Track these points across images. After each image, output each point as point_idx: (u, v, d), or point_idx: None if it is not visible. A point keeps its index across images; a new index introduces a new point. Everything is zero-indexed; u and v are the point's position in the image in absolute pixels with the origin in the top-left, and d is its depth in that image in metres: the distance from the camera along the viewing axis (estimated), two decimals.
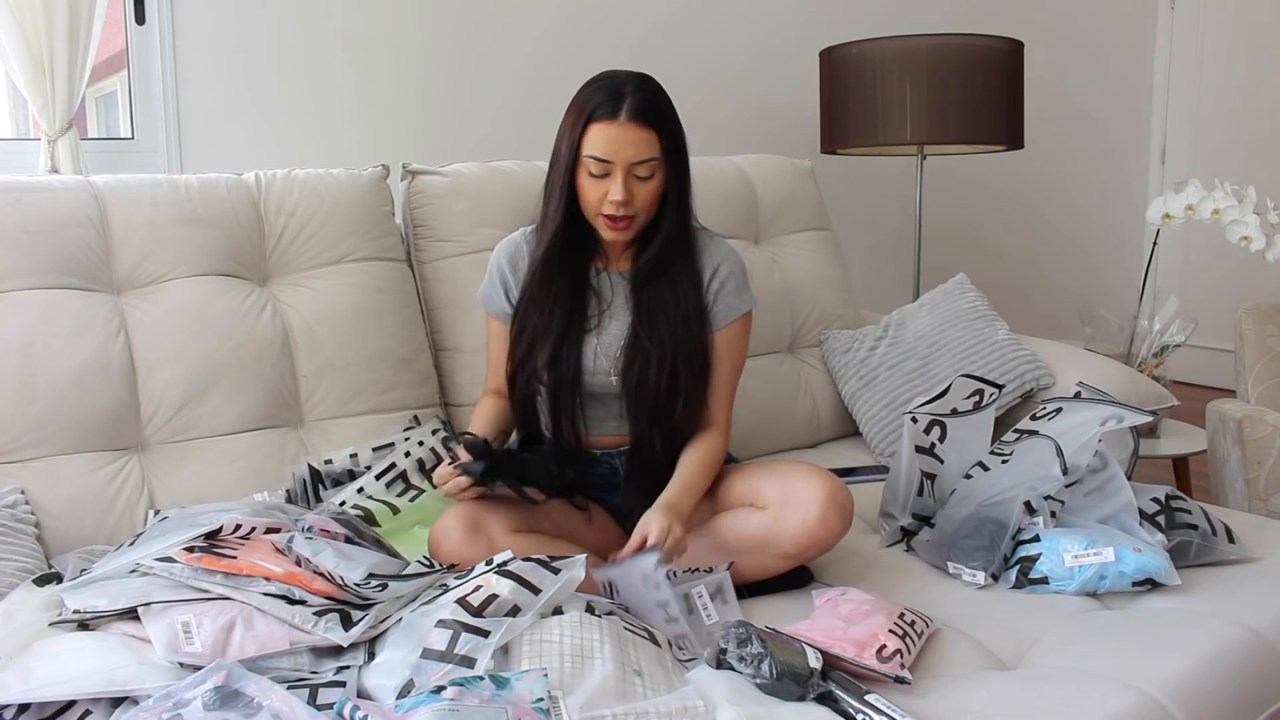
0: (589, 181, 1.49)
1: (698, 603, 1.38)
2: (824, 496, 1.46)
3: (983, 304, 2.22)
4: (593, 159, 1.46)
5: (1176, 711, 1.22)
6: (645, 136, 1.46)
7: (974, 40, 2.70)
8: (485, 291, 1.67)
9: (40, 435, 1.56)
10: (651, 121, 1.46)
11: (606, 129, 1.45)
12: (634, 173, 1.47)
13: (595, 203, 1.49)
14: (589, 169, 1.47)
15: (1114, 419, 1.57)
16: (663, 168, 1.50)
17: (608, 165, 1.46)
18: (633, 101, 1.45)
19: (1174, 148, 4.50)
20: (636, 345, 1.56)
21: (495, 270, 1.65)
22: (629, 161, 1.46)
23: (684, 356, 1.55)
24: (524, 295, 1.59)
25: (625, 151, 1.45)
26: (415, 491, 1.72)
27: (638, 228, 1.53)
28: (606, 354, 1.58)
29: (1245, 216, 2.48)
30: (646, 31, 3.04)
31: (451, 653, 1.12)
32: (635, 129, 1.45)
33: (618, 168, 1.46)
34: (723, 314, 1.60)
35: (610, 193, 1.46)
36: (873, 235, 3.60)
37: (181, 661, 1.15)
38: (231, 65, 2.45)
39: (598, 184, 1.48)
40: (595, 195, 1.49)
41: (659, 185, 1.51)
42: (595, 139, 1.46)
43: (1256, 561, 1.58)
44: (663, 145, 1.48)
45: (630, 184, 1.47)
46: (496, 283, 1.64)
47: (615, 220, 1.49)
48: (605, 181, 1.47)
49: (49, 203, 1.65)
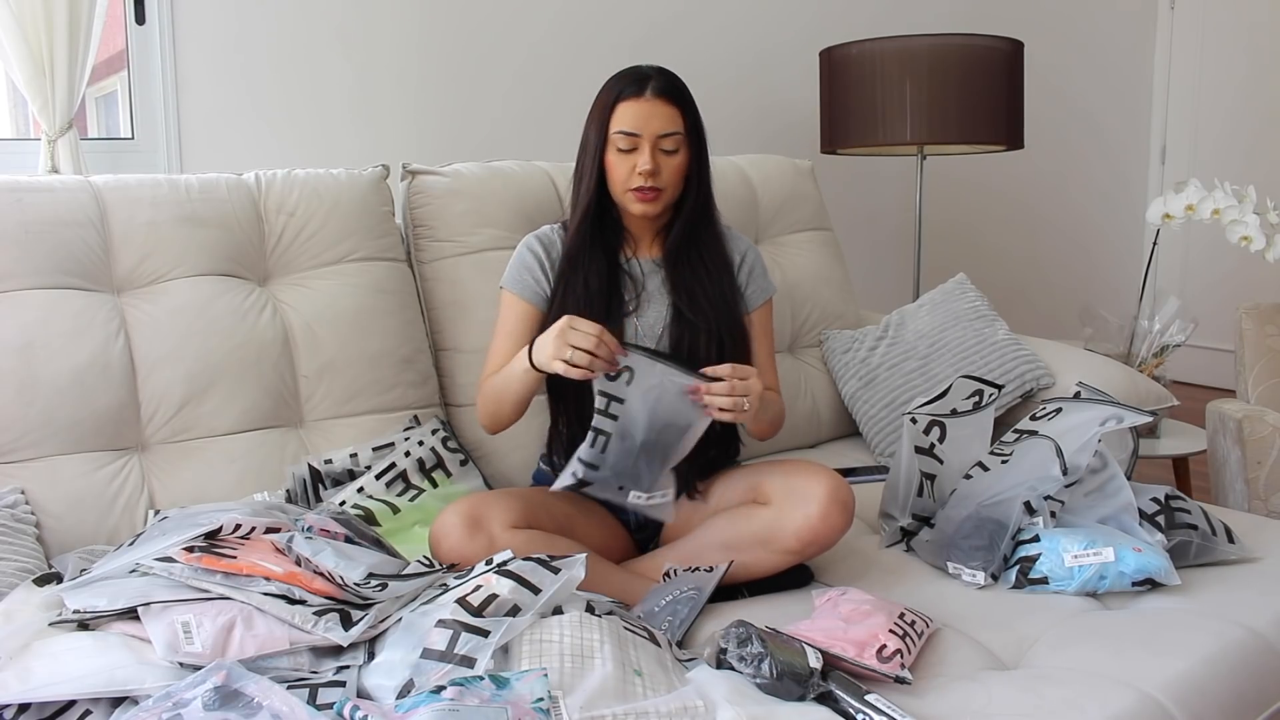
0: (618, 158, 1.56)
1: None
2: (826, 493, 1.46)
3: (983, 304, 2.22)
4: (621, 134, 1.55)
5: (1176, 711, 1.22)
6: (670, 112, 1.55)
7: (974, 40, 2.70)
8: (513, 275, 1.66)
9: (40, 435, 1.56)
10: (675, 99, 1.57)
11: (634, 105, 1.54)
12: (660, 146, 1.55)
13: (624, 177, 1.56)
14: (617, 145, 1.56)
15: (1114, 419, 1.57)
16: (685, 145, 1.58)
17: (635, 139, 1.54)
18: (657, 81, 1.56)
19: (1174, 148, 4.50)
20: (681, 321, 1.61)
21: (526, 253, 1.66)
22: (655, 134, 1.55)
23: (727, 330, 1.61)
24: (560, 280, 1.62)
25: (652, 125, 1.54)
26: (415, 491, 1.72)
27: (665, 202, 1.60)
28: (649, 335, 1.62)
29: (1245, 216, 2.48)
30: (647, 32, 3.04)
31: (451, 652, 1.12)
32: (660, 104, 1.55)
33: (645, 140, 1.54)
34: (755, 295, 1.70)
35: (638, 164, 1.54)
36: (873, 235, 3.60)
37: (181, 661, 1.15)
38: (231, 65, 2.45)
39: (626, 159, 1.56)
40: (624, 170, 1.56)
41: (683, 160, 1.59)
42: (623, 115, 1.55)
43: (1256, 561, 1.58)
44: (685, 122, 1.57)
45: (657, 156, 1.55)
46: (531, 263, 1.64)
47: (644, 192, 1.56)
48: (633, 156, 1.55)
49: (49, 203, 1.65)
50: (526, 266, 1.65)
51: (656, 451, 1.40)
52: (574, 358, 1.37)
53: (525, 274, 1.65)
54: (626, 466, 1.39)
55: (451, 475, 1.78)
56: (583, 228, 1.61)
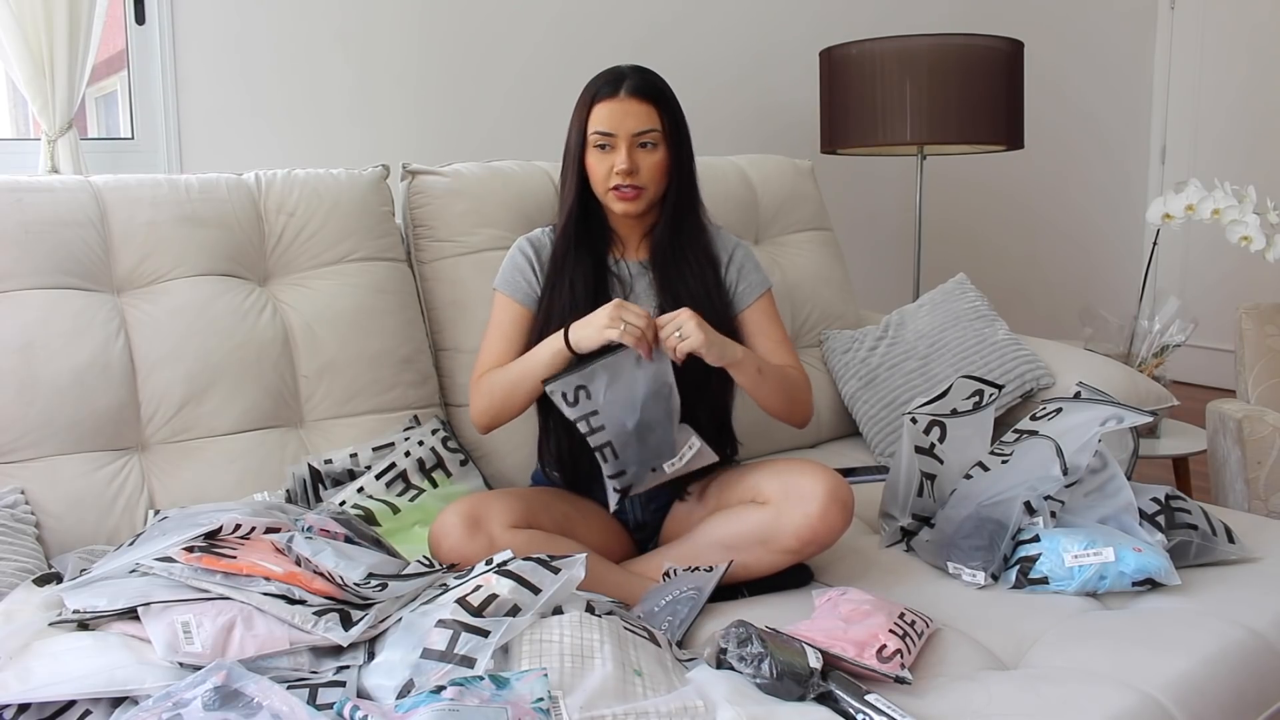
0: (597, 158, 1.58)
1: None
2: (826, 491, 1.46)
3: (983, 304, 2.21)
4: (598, 134, 1.56)
5: (1176, 711, 1.21)
6: (645, 110, 1.56)
7: (974, 40, 2.70)
8: (505, 276, 1.67)
9: (40, 435, 1.56)
10: (650, 97, 1.57)
11: (609, 105, 1.56)
12: (637, 143, 1.56)
13: (604, 177, 1.58)
14: (595, 144, 1.57)
15: (1114, 419, 1.57)
16: (664, 142, 1.58)
17: (611, 138, 1.56)
18: (632, 80, 1.57)
19: (1174, 148, 4.50)
20: None
21: (518, 254, 1.68)
22: (631, 133, 1.55)
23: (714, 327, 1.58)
24: (548, 281, 1.63)
25: (627, 123, 1.55)
26: (415, 491, 1.72)
27: (647, 200, 1.60)
28: None
29: (1245, 216, 2.48)
30: (647, 32, 3.04)
31: (451, 652, 1.12)
32: (635, 103, 1.55)
33: (620, 139, 1.56)
34: (748, 292, 1.69)
35: (615, 163, 1.56)
36: (873, 235, 3.60)
37: (181, 661, 1.15)
38: (231, 65, 2.45)
39: (604, 158, 1.57)
40: (603, 170, 1.57)
41: (663, 158, 1.59)
42: (599, 116, 1.56)
43: (1256, 561, 1.58)
44: (663, 120, 1.58)
45: (634, 155, 1.56)
46: (522, 264, 1.66)
47: (623, 190, 1.57)
48: (611, 155, 1.56)
49: (49, 203, 1.65)
50: (518, 268, 1.66)
51: (656, 422, 1.45)
52: (627, 330, 1.42)
53: (517, 275, 1.66)
54: (642, 453, 1.45)
55: (451, 475, 1.78)
56: (568, 230, 1.63)
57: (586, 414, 1.42)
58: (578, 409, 1.43)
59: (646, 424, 1.44)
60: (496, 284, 1.68)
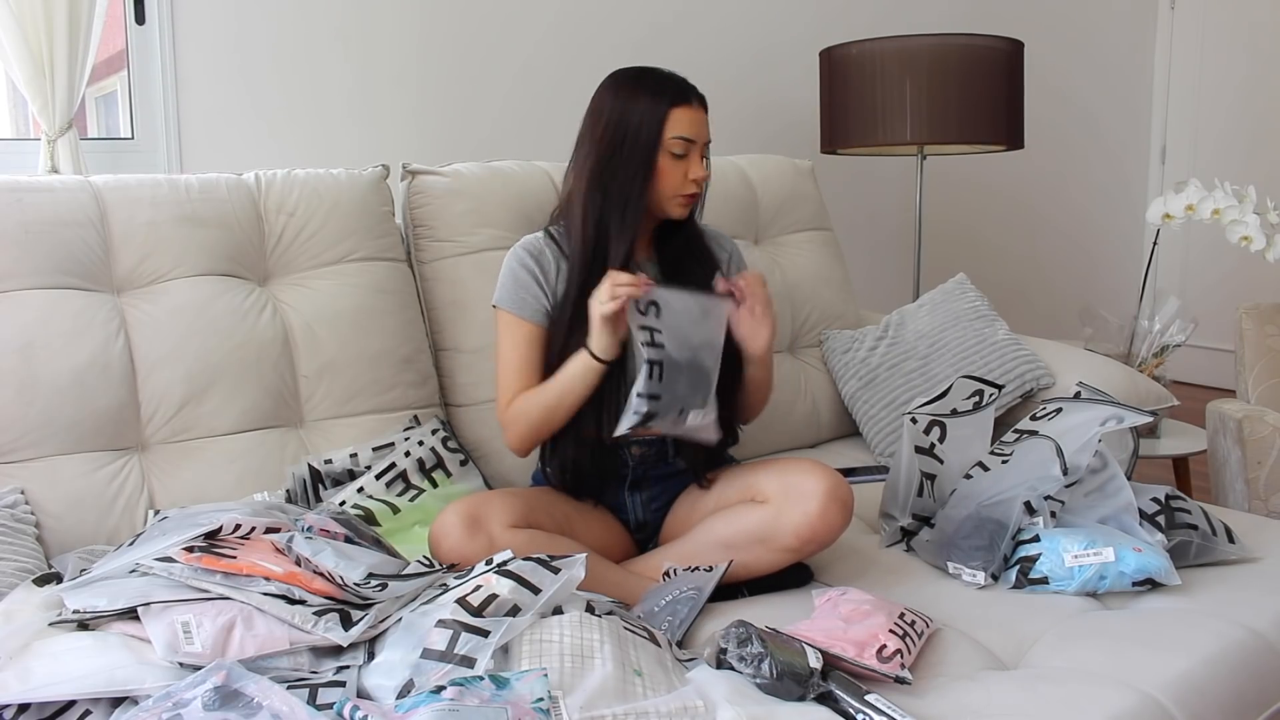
0: (671, 163, 1.57)
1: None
2: (825, 490, 1.47)
3: (983, 304, 2.22)
4: (680, 139, 1.56)
5: (1176, 711, 1.21)
6: (707, 120, 1.62)
7: (974, 40, 2.70)
8: (510, 295, 1.61)
9: (40, 435, 1.56)
10: (707, 108, 1.62)
11: (689, 112, 1.57)
12: (704, 151, 1.61)
13: (678, 183, 1.58)
14: (672, 150, 1.57)
15: (1114, 419, 1.57)
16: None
17: (691, 145, 1.58)
18: (695, 90, 1.61)
19: (1174, 148, 4.50)
20: None
21: (519, 269, 1.62)
22: (704, 141, 1.60)
23: None
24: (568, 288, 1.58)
25: (703, 132, 1.60)
26: (415, 491, 1.72)
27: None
28: None
29: (1245, 216, 2.48)
30: (647, 32, 3.04)
31: (451, 653, 1.12)
32: (703, 113, 1.61)
33: (696, 148, 1.59)
34: None
35: (691, 171, 1.58)
36: (873, 235, 3.60)
37: (181, 661, 1.15)
38: (231, 65, 2.45)
39: (679, 164, 1.58)
40: (677, 175, 1.58)
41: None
42: (681, 122, 1.56)
43: (1256, 561, 1.58)
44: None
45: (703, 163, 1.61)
46: (526, 279, 1.61)
47: (690, 197, 1.61)
48: (684, 162, 1.58)
49: (49, 203, 1.65)
50: (522, 285, 1.60)
51: (701, 371, 1.48)
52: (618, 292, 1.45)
53: (523, 293, 1.60)
54: (681, 390, 1.47)
55: (451, 475, 1.78)
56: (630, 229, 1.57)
57: (651, 327, 1.46)
58: (645, 319, 1.46)
59: (697, 365, 1.47)
60: (501, 303, 1.62)
